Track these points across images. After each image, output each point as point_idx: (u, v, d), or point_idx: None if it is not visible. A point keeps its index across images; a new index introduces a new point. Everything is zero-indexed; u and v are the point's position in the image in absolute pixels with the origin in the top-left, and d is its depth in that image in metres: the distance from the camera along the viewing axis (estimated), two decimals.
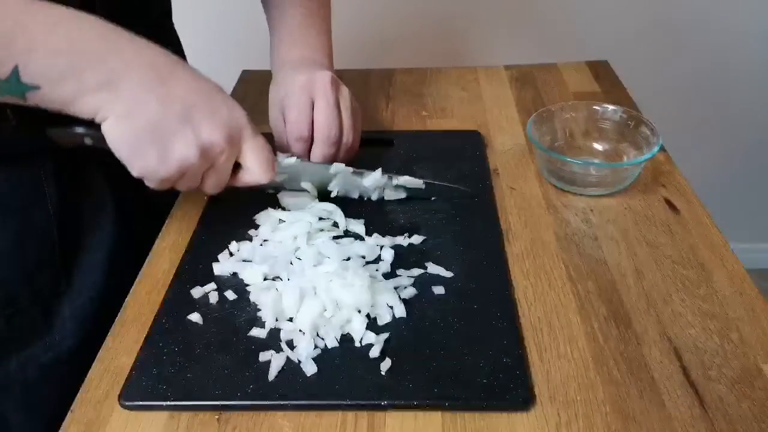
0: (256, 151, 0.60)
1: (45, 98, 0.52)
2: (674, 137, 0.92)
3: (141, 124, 0.54)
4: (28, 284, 0.65)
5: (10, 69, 0.49)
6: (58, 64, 0.51)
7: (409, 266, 0.61)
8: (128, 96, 0.53)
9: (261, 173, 0.61)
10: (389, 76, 1.00)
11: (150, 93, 0.54)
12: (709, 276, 0.60)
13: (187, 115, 0.55)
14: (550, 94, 0.92)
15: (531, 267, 0.62)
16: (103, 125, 0.54)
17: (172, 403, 0.49)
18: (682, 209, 0.68)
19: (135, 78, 0.53)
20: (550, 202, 0.70)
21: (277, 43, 0.79)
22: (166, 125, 0.54)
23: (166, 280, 0.62)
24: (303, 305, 0.55)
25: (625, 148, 0.75)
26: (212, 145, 0.56)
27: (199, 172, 0.58)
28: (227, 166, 0.59)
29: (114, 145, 0.55)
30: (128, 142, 0.54)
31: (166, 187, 0.58)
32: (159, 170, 0.55)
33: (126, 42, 0.54)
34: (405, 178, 0.69)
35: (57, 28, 0.51)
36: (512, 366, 0.51)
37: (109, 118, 0.53)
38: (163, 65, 0.55)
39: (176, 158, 0.55)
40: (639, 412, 0.48)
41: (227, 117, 0.57)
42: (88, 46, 0.52)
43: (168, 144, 0.55)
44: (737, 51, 1.55)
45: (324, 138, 0.68)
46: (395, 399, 0.49)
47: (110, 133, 0.54)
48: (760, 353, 0.52)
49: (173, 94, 0.55)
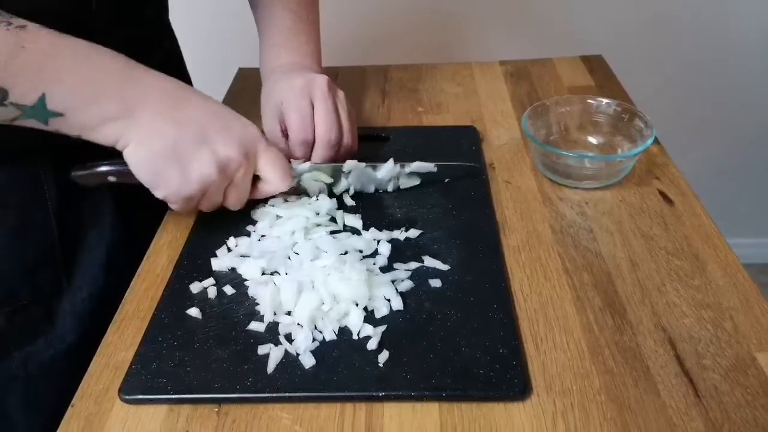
0: (273, 161, 0.62)
1: (66, 124, 0.55)
2: (668, 130, 0.93)
3: (160, 148, 0.57)
4: (28, 281, 0.65)
5: (37, 96, 0.52)
6: (83, 94, 0.54)
7: (406, 260, 0.61)
8: (146, 122, 0.56)
9: (280, 182, 0.63)
10: (385, 72, 1.00)
11: (166, 118, 0.57)
12: (703, 266, 0.60)
13: (202, 135, 0.58)
14: (544, 89, 0.93)
15: (527, 259, 0.62)
16: (125, 152, 0.57)
17: (172, 397, 0.50)
18: (676, 201, 0.69)
19: (152, 105, 0.57)
20: (545, 195, 0.71)
21: (267, 47, 0.79)
22: (183, 147, 0.57)
23: (164, 275, 0.62)
24: (301, 299, 0.56)
25: (620, 141, 0.75)
26: (229, 160, 0.59)
27: (220, 189, 0.60)
28: (246, 180, 0.62)
29: (136, 169, 0.58)
30: (149, 166, 0.57)
31: (191, 206, 0.61)
32: (181, 190, 0.58)
33: (142, 73, 0.58)
34: (416, 163, 0.70)
35: (83, 60, 0.54)
36: (508, 357, 0.51)
37: (129, 145, 0.57)
38: (177, 92, 0.59)
39: (196, 177, 0.58)
40: (634, 401, 0.49)
41: (240, 133, 0.60)
42: (110, 78, 0.55)
43: (187, 164, 0.57)
44: (732, 44, 1.56)
45: (326, 141, 0.69)
46: (393, 390, 0.49)
47: (131, 158, 0.57)
48: (753, 342, 0.53)
49: (188, 117, 0.58)
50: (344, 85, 0.89)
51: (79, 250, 0.69)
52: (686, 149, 1.10)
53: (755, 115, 1.66)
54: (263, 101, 0.74)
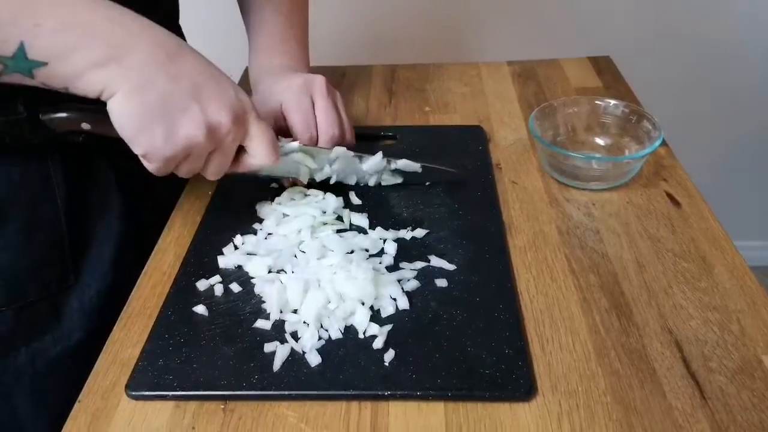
0: (262, 134, 0.60)
1: (52, 75, 0.51)
2: (676, 132, 0.93)
3: (150, 100, 0.52)
4: (36, 277, 0.65)
5: (16, 46, 0.49)
6: (64, 39, 0.50)
7: (412, 259, 0.61)
8: (137, 70, 0.52)
9: (266, 156, 0.60)
10: (392, 72, 1.00)
11: (159, 68, 0.53)
12: (710, 269, 0.60)
13: (195, 93, 0.54)
14: (552, 90, 0.93)
15: (533, 260, 0.62)
16: (110, 102, 0.53)
17: (179, 393, 0.50)
18: (683, 203, 0.69)
19: (143, 53, 0.52)
20: (552, 196, 0.71)
21: (257, 51, 0.79)
22: (174, 102, 0.53)
23: (171, 272, 0.62)
24: (307, 297, 0.56)
25: (627, 142, 0.75)
26: (220, 124, 0.56)
27: (203, 153, 0.57)
28: (232, 148, 0.59)
29: (120, 121, 0.53)
30: (136, 118, 0.53)
31: (170, 168, 0.57)
32: (165, 148, 0.54)
33: (131, 19, 0.53)
34: (403, 161, 0.70)
35: (62, 3, 0.50)
36: (514, 357, 0.51)
37: (117, 94, 0.52)
38: (170, 43, 0.55)
39: (183, 136, 0.54)
40: (640, 402, 0.48)
41: (234, 98, 0.57)
42: (94, 21, 0.51)
43: (176, 121, 0.54)
44: (741, 46, 1.55)
45: (328, 138, 0.69)
46: (399, 389, 0.49)
47: (117, 108, 0.53)
48: (760, 344, 0.52)
49: (182, 71, 0.54)
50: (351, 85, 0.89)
51: (87, 247, 0.69)
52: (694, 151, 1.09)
53: (763, 118, 1.65)
54: (257, 104, 0.72)
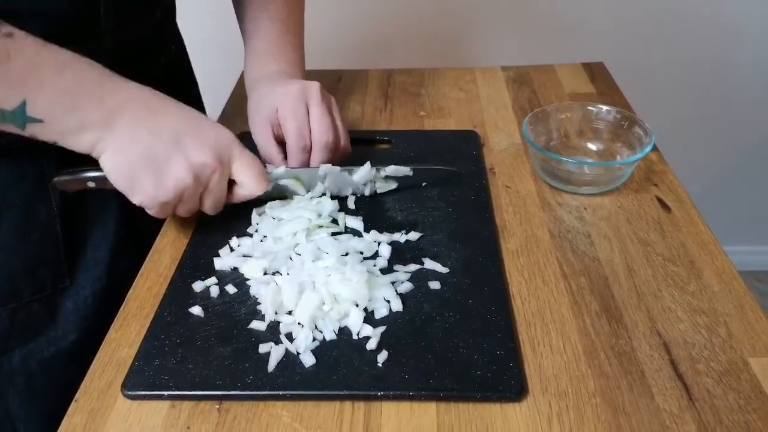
0: (247, 165, 0.63)
1: (44, 131, 0.56)
2: (667, 138, 0.94)
3: (135, 155, 0.58)
4: (30, 279, 0.66)
5: (18, 102, 0.53)
6: (63, 102, 0.55)
7: (406, 262, 0.62)
8: (122, 130, 0.57)
9: (255, 186, 0.64)
10: (388, 77, 1.01)
11: (141, 126, 0.58)
12: (699, 273, 0.61)
13: (176, 142, 0.59)
14: (546, 95, 0.94)
15: (525, 263, 0.63)
16: (101, 159, 0.58)
17: (174, 393, 0.51)
18: (673, 208, 0.70)
19: (128, 115, 0.58)
20: (544, 200, 0.72)
21: (254, 56, 0.80)
22: (157, 153, 0.58)
23: (168, 273, 0.63)
24: (302, 299, 0.57)
25: (619, 147, 0.76)
26: (204, 166, 0.60)
27: (195, 194, 0.61)
28: (221, 184, 0.62)
29: (112, 176, 0.59)
30: (125, 173, 0.58)
31: (168, 212, 0.62)
32: (157, 196, 0.59)
33: (121, 84, 0.59)
34: (392, 167, 0.71)
35: (65, 70, 0.55)
36: (506, 359, 0.52)
37: (105, 152, 0.58)
38: (153, 101, 0.60)
39: (171, 183, 0.59)
40: (628, 404, 0.49)
41: (214, 138, 0.61)
42: (90, 87, 0.57)
43: (162, 170, 0.58)
44: (733, 53, 1.57)
45: (323, 144, 0.70)
46: (391, 390, 0.50)
47: (107, 165, 0.59)
48: (746, 347, 0.53)
49: (162, 125, 0.59)
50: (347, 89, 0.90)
51: (82, 249, 0.69)
52: (684, 157, 1.10)
53: (753, 125, 1.67)
54: (252, 109, 0.75)
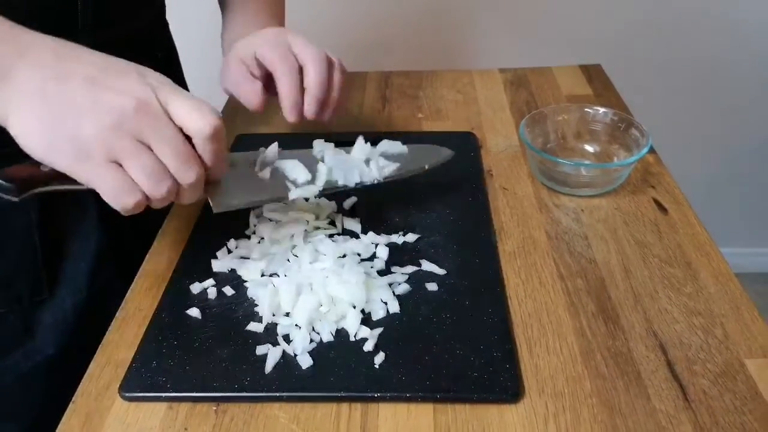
0: (187, 100, 0.48)
1: None
2: (664, 139, 0.94)
3: (44, 110, 0.45)
4: (7, 290, 0.64)
5: None
6: None
7: (403, 263, 0.62)
8: (24, 82, 0.45)
9: (202, 121, 0.48)
10: (386, 79, 1.01)
11: (48, 75, 0.45)
12: (696, 274, 0.61)
13: (91, 84, 0.46)
14: (543, 97, 0.94)
15: (522, 265, 0.63)
16: (8, 126, 0.46)
17: (171, 395, 0.51)
18: (670, 209, 0.70)
19: (29, 61, 0.46)
20: (541, 201, 0.72)
21: (232, 24, 0.77)
22: (71, 101, 0.45)
23: (165, 275, 0.63)
24: (299, 301, 0.57)
25: (616, 149, 0.77)
26: (129, 105, 0.46)
27: (135, 149, 0.46)
28: (165, 129, 0.47)
29: (23, 141, 0.46)
30: (38, 135, 0.45)
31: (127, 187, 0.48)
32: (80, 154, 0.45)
33: (21, 32, 0.48)
34: (385, 141, 0.68)
35: None
36: (502, 360, 0.52)
37: (10, 114, 0.45)
38: (62, 47, 0.48)
39: (92, 132, 0.45)
40: (625, 405, 0.49)
41: (138, 75, 0.48)
42: None
43: (80, 122, 0.45)
44: (729, 55, 1.57)
45: (318, 59, 0.65)
46: (388, 391, 0.50)
47: (16, 130, 0.46)
48: (743, 348, 0.54)
49: (72, 71, 0.46)
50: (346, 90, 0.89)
51: (62, 259, 0.67)
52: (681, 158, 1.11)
53: (750, 126, 1.67)
54: (224, 68, 0.68)
